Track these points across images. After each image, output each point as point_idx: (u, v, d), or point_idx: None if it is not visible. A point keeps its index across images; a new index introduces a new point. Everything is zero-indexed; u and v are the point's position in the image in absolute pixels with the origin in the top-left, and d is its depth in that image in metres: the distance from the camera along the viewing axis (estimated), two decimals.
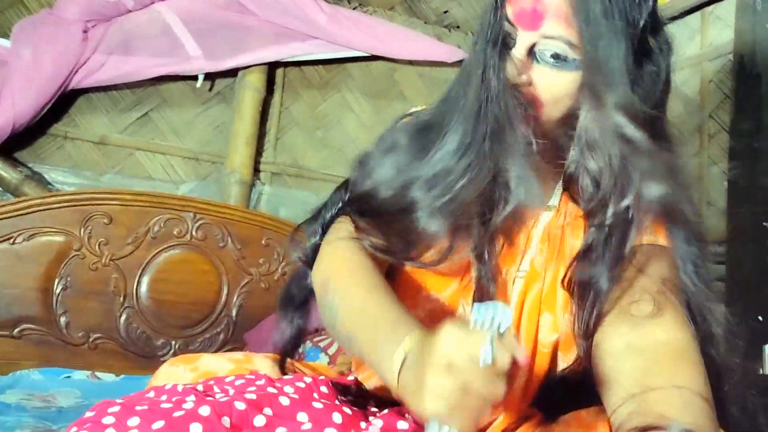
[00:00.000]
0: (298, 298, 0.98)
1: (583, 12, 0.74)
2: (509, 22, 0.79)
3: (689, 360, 0.70)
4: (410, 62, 2.78)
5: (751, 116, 1.71)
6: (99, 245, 2.06)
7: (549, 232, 0.87)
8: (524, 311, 0.85)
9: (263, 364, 0.92)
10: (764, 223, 1.61)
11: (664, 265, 0.79)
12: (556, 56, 0.77)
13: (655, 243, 0.80)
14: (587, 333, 0.77)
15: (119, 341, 2.06)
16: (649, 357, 0.70)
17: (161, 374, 0.92)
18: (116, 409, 0.69)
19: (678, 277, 0.79)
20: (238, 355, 0.95)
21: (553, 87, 0.79)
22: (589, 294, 0.78)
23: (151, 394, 0.75)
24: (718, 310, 0.81)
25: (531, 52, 0.78)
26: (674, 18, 2.02)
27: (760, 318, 1.58)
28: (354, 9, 2.64)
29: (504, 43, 0.79)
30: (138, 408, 0.68)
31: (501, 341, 0.57)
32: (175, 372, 0.91)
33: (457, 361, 0.57)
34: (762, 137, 1.68)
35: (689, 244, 0.83)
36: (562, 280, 0.82)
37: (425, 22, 2.79)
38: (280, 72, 2.61)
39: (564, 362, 0.85)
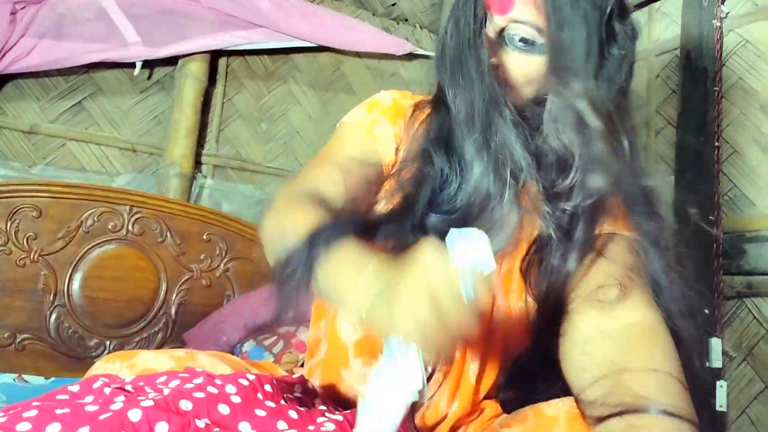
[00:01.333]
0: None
1: None
2: (482, 4, 0.83)
3: (661, 342, 0.70)
4: (358, 54, 2.74)
5: (697, 111, 1.73)
6: (27, 240, 1.94)
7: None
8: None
9: (208, 362, 0.86)
10: (709, 217, 1.64)
11: (627, 252, 0.79)
12: (524, 40, 0.81)
13: (618, 233, 0.81)
14: (547, 318, 0.78)
15: (49, 342, 1.94)
16: (621, 340, 0.70)
17: (95, 371, 0.85)
18: (33, 413, 0.61)
19: (642, 264, 0.79)
20: (179, 352, 0.88)
21: (522, 70, 0.82)
22: (546, 280, 0.79)
23: (76, 389, 0.68)
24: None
25: (501, 36, 0.83)
26: None
27: (706, 311, 1.60)
28: None
29: (479, 24, 0.83)
30: (59, 412, 0.61)
31: (482, 278, 0.58)
32: (111, 369, 0.84)
33: (439, 292, 0.56)
34: (707, 131, 1.70)
35: (652, 234, 0.82)
36: (520, 267, 0.82)
37: (373, 14, 2.74)
38: (222, 61, 2.52)
39: (517, 350, 0.85)
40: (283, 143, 2.62)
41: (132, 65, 2.30)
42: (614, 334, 0.70)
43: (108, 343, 2.01)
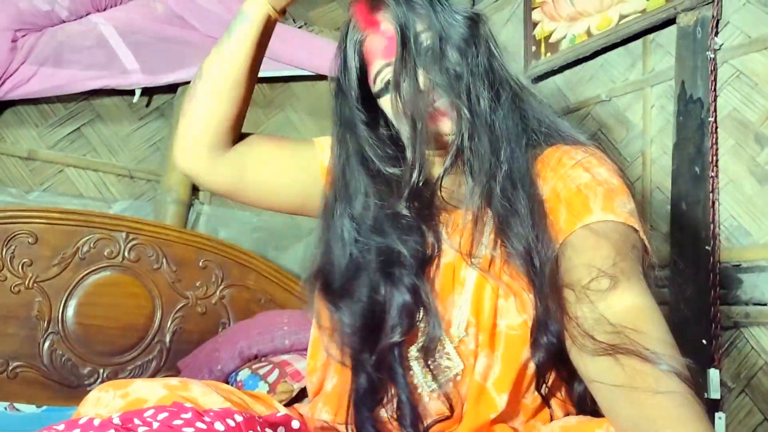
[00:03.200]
0: None
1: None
2: (386, 65, 0.91)
3: (653, 319, 0.72)
4: None
5: (692, 141, 1.73)
6: (22, 266, 1.93)
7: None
8: (484, 297, 0.85)
9: (201, 391, 0.85)
10: (706, 247, 1.63)
11: (617, 236, 0.80)
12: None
13: (607, 219, 0.81)
14: (547, 312, 0.79)
15: (42, 370, 1.92)
16: (614, 326, 0.71)
17: (89, 401, 0.84)
18: None
19: (634, 246, 0.80)
20: (173, 380, 0.87)
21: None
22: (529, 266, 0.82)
23: (61, 428, 0.67)
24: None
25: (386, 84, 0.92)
26: (616, 45, 2.06)
27: (704, 341, 1.59)
28: (300, 28, 2.60)
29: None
30: None
31: None
32: (104, 398, 0.83)
33: None
34: (703, 161, 1.70)
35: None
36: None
37: None
38: None
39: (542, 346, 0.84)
40: None
41: (131, 92, 2.32)
42: (611, 321, 0.72)
43: (101, 371, 1.99)
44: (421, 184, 0.89)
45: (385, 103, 0.92)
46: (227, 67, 0.97)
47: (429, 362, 0.85)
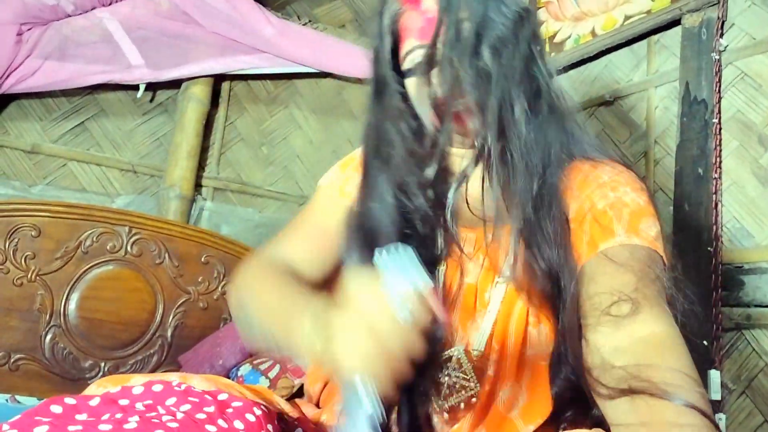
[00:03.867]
0: None
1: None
2: (418, 47, 0.84)
3: (674, 349, 0.68)
4: (359, 81, 2.76)
5: (696, 142, 1.73)
6: (25, 259, 1.93)
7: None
8: (511, 322, 0.82)
9: (202, 386, 0.85)
10: (708, 248, 1.63)
11: (640, 261, 0.76)
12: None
13: (629, 243, 0.78)
14: (570, 338, 0.76)
15: (43, 362, 1.93)
16: (635, 354, 0.68)
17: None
18: (44, 429, 0.60)
19: (657, 272, 0.77)
20: (173, 376, 0.86)
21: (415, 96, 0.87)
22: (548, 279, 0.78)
23: (72, 402, 0.66)
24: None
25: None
26: (621, 45, 2.06)
27: (705, 343, 1.59)
28: (304, 25, 2.60)
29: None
30: (71, 429, 0.60)
31: (418, 297, 0.59)
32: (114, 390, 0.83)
33: (373, 321, 0.59)
34: (706, 163, 1.70)
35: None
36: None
37: None
38: (225, 85, 2.54)
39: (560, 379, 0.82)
40: (283, 167, 2.63)
41: (135, 87, 2.33)
42: (631, 349, 0.69)
43: (103, 364, 1.99)
44: (438, 178, 0.86)
45: (411, 84, 0.87)
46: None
47: (439, 376, 0.82)
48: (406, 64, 0.86)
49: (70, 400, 0.67)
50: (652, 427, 0.61)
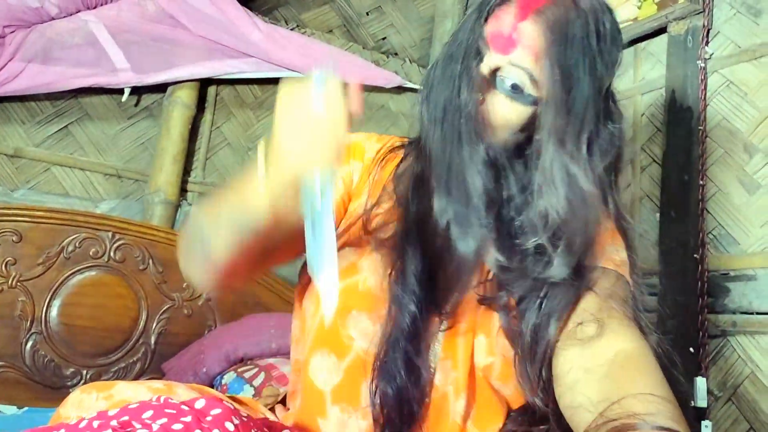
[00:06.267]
0: None
1: (555, 51, 0.76)
2: (483, 39, 0.80)
3: (643, 367, 0.69)
4: (346, 86, 2.74)
5: (682, 149, 1.74)
6: (6, 265, 1.90)
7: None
8: (459, 331, 0.82)
9: (187, 395, 0.83)
10: (694, 255, 1.64)
11: (606, 283, 0.78)
12: (514, 87, 0.79)
13: (598, 266, 0.80)
14: (534, 372, 0.76)
15: (24, 370, 1.89)
16: (605, 375, 0.68)
17: (70, 402, 0.83)
18: None
19: (623, 294, 0.78)
20: (157, 383, 0.85)
21: (505, 115, 0.80)
22: (528, 343, 0.77)
23: None
24: (651, 338, 0.80)
25: (493, 76, 0.80)
26: None
27: (691, 350, 1.59)
28: (291, 30, 2.59)
29: (476, 57, 0.81)
30: None
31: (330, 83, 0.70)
32: (87, 400, 0.82)
33: (295, 110, 0.68)
34: (692, 170, 1.71)
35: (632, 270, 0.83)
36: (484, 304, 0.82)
37: (363, 47, 2.76)
38: (212, 89, 2.52)
39: (507, 390, 0.83)
40: None
41: (120, 91, 2.30)
42: (600, 371, 0.69)
43: (84, 372, 1.96)
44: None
45: (495, 99, 0.81)
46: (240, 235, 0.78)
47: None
48: (505, 73, 0.80)
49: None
50: None
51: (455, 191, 0.79)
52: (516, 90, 0.79)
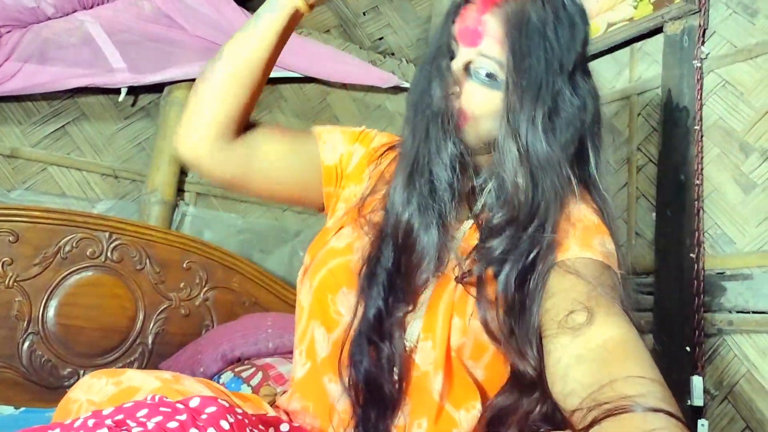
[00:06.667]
0: None
1: (512, 36, 0.84)
2: (454, 38, 0.89)
3: (632, 352, 0.71)
4: (344, 86, 2.75)
5: (678, 149, 1.75)
6: (2, 265, 1.90)
7: (468, 243, 0.90)
8: (438, 312, 0.86)
9: (194, 387, 0.84)
10: (690, 255, 1.64)
11: (593, 272, 0.80)
12: (489, 75, 0.86)
13: (582, 256, 0.82)
14: (521, 341, 0.80)
15: (20, 370, 1.89)
16: (598, 360, 0.70)
17: (80, 386, 0.86)
18: None
19: (611, 283, 0.80)
20: (166, 374, 0.87)
21: (481, 103, 0.87)
22: (510, 303, 0.82)
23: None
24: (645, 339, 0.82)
25: (467, 68, 0.88)
26: (604, 53, 2.07)
27: (687, 349, 1.59)
28: None
29: (448, 55, 0.89)
30: None
31: None
32: (96, 385, 0.84)
33: None
34: (688, 169, 1.71)
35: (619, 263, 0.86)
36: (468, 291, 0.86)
37: (360, 47, 2.77)
38: None
39: (478, 369, 0.87)
40: None
41: (117, 91, 2.30)
42: (590, 357, 0.71)
43: (81, 372, 1.96)
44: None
45: (473, 90, 0.88)
46: (248, 51, 0.94)
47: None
48: (477, 64, 0.87)
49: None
50: None
51: (419, 183, 0.87)
52: (491, 78, 0.86)
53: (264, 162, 0.99)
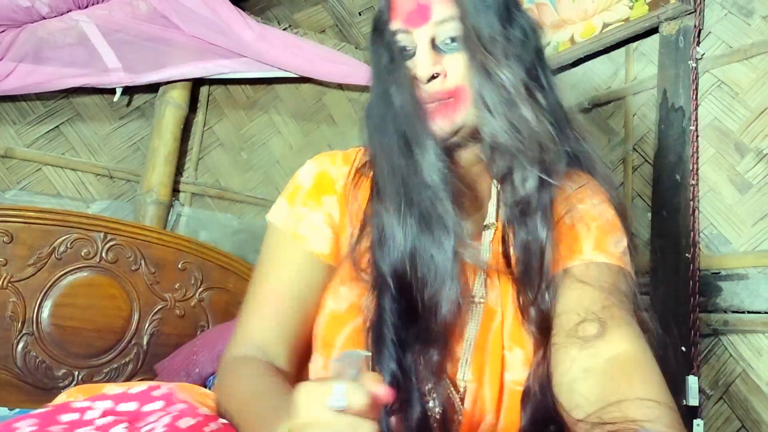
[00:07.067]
0: None
1: None
2: (402, 32, 0.83)
3: (643, 370, 0.68)
4: (340, 86, 2.75)
5: (673, 149, 1.75)
6: None
7: (495, 252, 0.83)
8: (487, 346, 0.79)
9: (180, 396, 0.83)
10: (686, 255, 1.64)
11: (607, 279, 0.76)
12: (453, 39, 0.81)
13: (596, 261, 0.78)
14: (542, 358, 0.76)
15: (15, 371, 1.88)
16: (606, 375, 0.67)
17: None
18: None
19: (625, 289, 0.77)
20: (143, 386, 0.84)
21: (460, 71, 0.81)
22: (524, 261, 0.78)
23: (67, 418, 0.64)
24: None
25: (434, 46, 0.82)
26: (599, 53, 2.07)
27: (683, 349, 1.59)
28: (284, 30, 2.58)
29: (402, 57, 0.83)
30: None
31: (355, 382, 0.51)
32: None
33: (312, 416, 0.50)
34: (684, 169, 1.71)
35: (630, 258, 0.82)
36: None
37: (356, 47, 2.76)
38: (204, 89, 2.52)
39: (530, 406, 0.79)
40: (262, 173, 2.60)
41: (112, 91, 2.29)
42: (599, 371, 0.68)
43: (76, 373, 1.95)
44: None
45: (448, 63, 0.83)
46: None
47: (429, 409, 0.78)
48: (440, 35, 0.83)
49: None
50: None
51: (413, 206, 0.78)
52: (455, 40, 0.81)
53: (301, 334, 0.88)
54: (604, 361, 0.68)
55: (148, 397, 0.70)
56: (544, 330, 0.77)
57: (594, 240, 0.80)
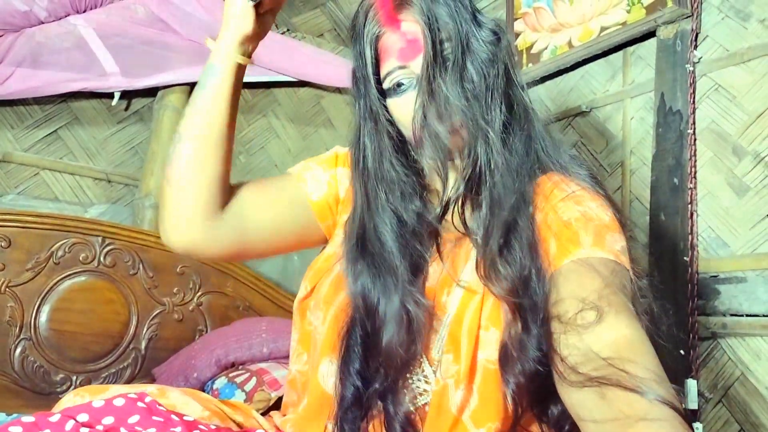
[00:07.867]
0: None
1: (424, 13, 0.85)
2: (399, 68, 0.87)
3: (641, 351, 0.68)
4: (338, 89, 2.75)
5: (671, 152, 1.75)
6: None
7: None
8: (464, 324, 0.82)
9: (180, 399, 0.83)
10: (684, 258, 1.64)
11: (605, 270, 0.77)
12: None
13: (594, 256, 0.79)
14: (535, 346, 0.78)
15: (12, 376, 1.88)
16: (602, 358, 0.68)
17: (63, 405, 0.82)
18: None
19: (624, 282, 0.78)
20: (150, 387, 0.85)
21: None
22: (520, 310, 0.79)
23: (30, 419, 0.64)
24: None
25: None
26: (597, 56, 2.07)
27: (682, 352, 1.59)
28: (282, 34, 2.59)
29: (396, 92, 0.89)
30: None
31: None
32: (80, 403, 0.81)
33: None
34: (682, 173, 1.72)
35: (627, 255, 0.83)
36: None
37: None
38: None
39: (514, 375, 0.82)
40: (261, 176, 2.59)
41: (110, 95, 2.29)
42: (598, 355, 0.69)
43: (74, 378, 1.95)
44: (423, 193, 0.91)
45: (393, 105, 0.89)
46: (205, 123, 0.92)
47: (409, 381, 0.82)
48: (385, 84, 0.89)
49: (28, 418, 0.66)
50: (623, 421, 0.60)
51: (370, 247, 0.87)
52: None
53: (257, 224, 0.96)
54: (603, 345, 0.69)
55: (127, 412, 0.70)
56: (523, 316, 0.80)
57: (593, 236, 0.81)
